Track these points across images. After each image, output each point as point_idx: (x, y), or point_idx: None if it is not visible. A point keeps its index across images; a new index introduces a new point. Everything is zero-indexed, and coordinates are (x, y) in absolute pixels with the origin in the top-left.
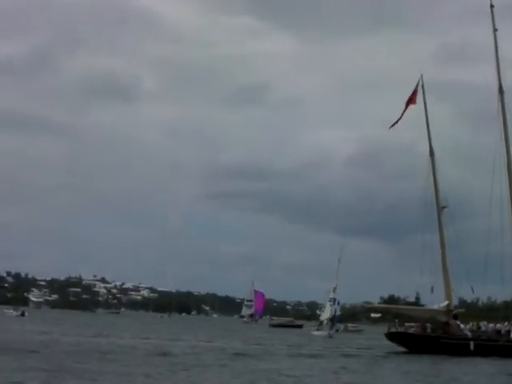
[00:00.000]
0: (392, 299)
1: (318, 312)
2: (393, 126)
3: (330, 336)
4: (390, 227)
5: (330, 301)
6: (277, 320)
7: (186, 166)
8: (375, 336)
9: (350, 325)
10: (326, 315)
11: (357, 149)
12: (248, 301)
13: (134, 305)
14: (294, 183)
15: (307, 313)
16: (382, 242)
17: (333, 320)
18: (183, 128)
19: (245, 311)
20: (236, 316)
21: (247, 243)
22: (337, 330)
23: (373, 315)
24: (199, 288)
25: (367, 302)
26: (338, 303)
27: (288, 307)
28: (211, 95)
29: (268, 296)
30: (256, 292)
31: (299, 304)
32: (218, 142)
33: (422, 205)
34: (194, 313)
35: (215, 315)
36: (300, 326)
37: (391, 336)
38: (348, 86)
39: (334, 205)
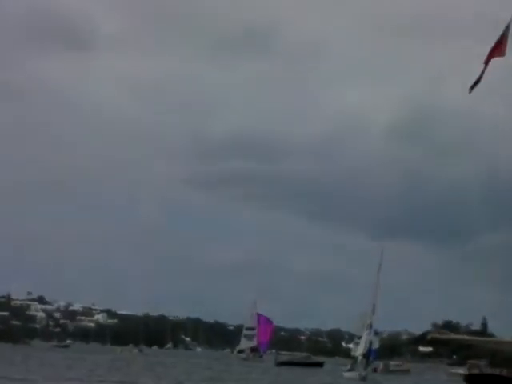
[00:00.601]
0: (449, 326)
1: (344, 344)
2: (473, 88)
3: (364, 378)
4: (444, 225)
5: (366, 329)
6: (287, 355)
7: (163, 141)
8: (428, 378)
9: (392, 363)
10: (361, 349)
11: (398, 115)
12: (248, 329)
13: (85, 334)
14: (311, 164)
15: (328, 345)
16: (432, 246)
17: (368, 356)
18: (158, 88)
19: (244, 343)
20: (227, 350)
21: (247, 247)
22: (374, 370)
23: (422, 349)
24: (177, 311)
25: (441, 331)
26: (377, 333)
27: (302, 337)
28: (197, 42)
29: (275, 322)
30: (260, 316)
31: (317, 333)
32: (207, 107)
33: (492, 193)
34: (168, 345)
35: (199, 349)
36: (319, 365)
37: (475, 380)
38: (385, 28)
39: (366, 194)
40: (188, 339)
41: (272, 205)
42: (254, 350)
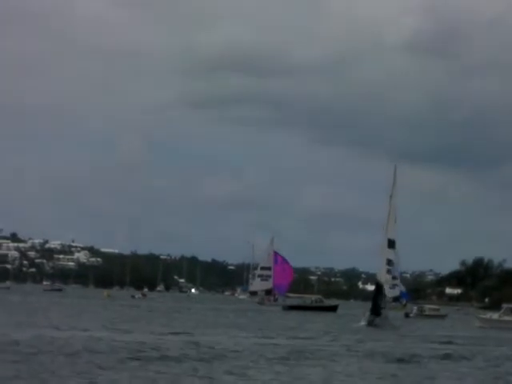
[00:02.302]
0: (480, 264)
1: (360, 285)
2: None
3: (372, 323)
4: (473, 150)
5: (389, 265)
6: (295, 299)
7: (149, 55)
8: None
9: (427, 306)
10: (389, 292)
11: (421, 23)
12: (264, 268)
13: (65, 275)
14: (323, 81)
15: (343, 286)
16: (459, 174)
17: (398, 298)
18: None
19: (257, 284)
20: (227, 293)
21: (249, 178)
22: (406, 315)
23: (449, 291)
24: (169, 249)
25: None
26: (401, 273)
27: (312, 278)
28: None
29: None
30: (276, 255)
31: (330, 273)
32: (198, 13)
33: None
34: (160, 288)
35: (194, 291)
36: (333, 309)
37: None
38: None
39: (386, 115)
40: (182, 281)
41: (274, 129)
42: (268, 292)
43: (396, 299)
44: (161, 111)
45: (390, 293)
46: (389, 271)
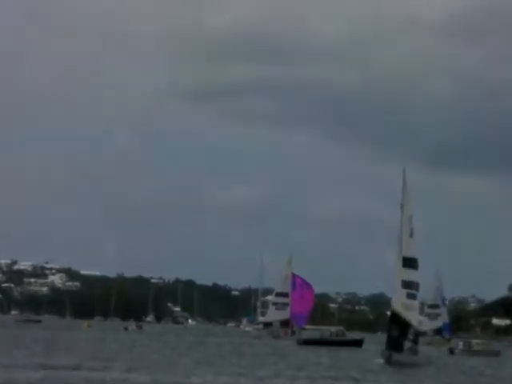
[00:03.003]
0: None
1: (388, 313)
2: None
3: (389, 359)
4: None
5: (409, 288)
6: (311, 331)
7: (144, 38)
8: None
9: (475, 341)
10: (427, 323)
11: (454, 7)
12: (279, 295)
13: (36, 302)
14: (343, 68)
15: (368, 316)
16: (502, 182)
17: (441, 331)
18: None
19: (271, 314)
20: (230, 325)
21: (255, 185)
22: (451, 351)
23: (496, 322)
24: (162, 271)
25: None
26: (445, 301)
27: (332, 305)
28: None
29: None
30: (295, 278)
31: (353, 299)
32: None
33: None
34: (149, 318)
35: (190, 321)
36: (357, 343)
37: None
38: None
39: (417, 110)
40: (177, 309)
41: (287, 125)
42: (285, 324)
43: (438, 332)
44: (152, 104)
45: (429, 324)
46: (411, 296)
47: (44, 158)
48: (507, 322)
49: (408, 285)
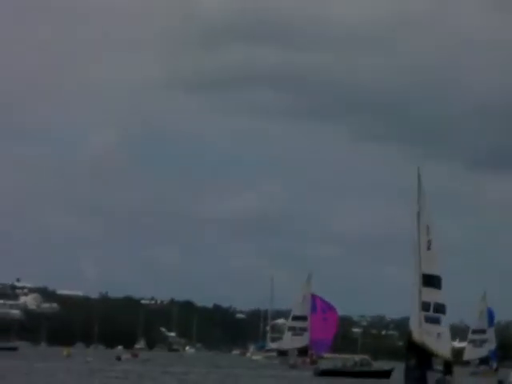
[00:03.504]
0: None
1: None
2: None
3: None
4: None
5: (434, 311)
6: (332, 360)
7: (133, 19)
8: None
9: None
10: (471, 351)
11: None
12: (296, 318)
13: (5, 327)
14: (366, 54)
15: (398, 342)
16: None
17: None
18: None
19: (287, 341)
20: (235, 352)
21: (265, 190)
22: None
23: None
24: (154, 291)
25: None
26: (492, 320)
27: (356, 330)
28: None
29: None
30: (315, 300)
31: (380, 323)
32: None
33: None
34: (140, 345)
35: (188, 348)
36: (386, 374)
37: None
38: None
39: (451, 105)
40: (172, 334)
41: (296, 120)
42: (303, 352)
43: (484, 361)
44: (141, 94)
45: (474, 353)
46: (433, 320)
47: (17, 159)
48: None
49: (429, 307)
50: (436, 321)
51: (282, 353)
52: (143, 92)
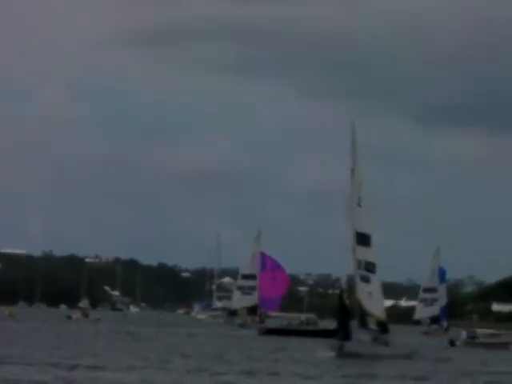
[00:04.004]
0: None
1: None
2: None
3: (341, 349)
4: None
5: (365, 269)
6: (277, 319)
7: None
8: None
9: (480, 331)
10: (422, 310)
11: None
12: (246, 277)
13: None
14: (329, 8)
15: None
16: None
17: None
18: None
19: (236, 300)
20: (180, 311)
21: (216, 145)
22: (452, 343)
23: (497, 307)
24: (98, 248)
25: None
26: (444, 277)
27: (301, 289)
28: None
29: None
30: (265, 258)
31: (326, 281)
32: None
33: None
34: (83, 304)
35: (132, 307)
36: (331, 333)
37: None
38: None
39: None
40: (116, 293)
41: (252, 75)
42: (252, 310)
43: (435, 321)
44: (92, 49)
45: (425, 312)
46: (365, 279)
47: None
48: (511, 307)
49: (361, 265)
50: (366, 279)
51: (232, 312)
52: (91, 46)
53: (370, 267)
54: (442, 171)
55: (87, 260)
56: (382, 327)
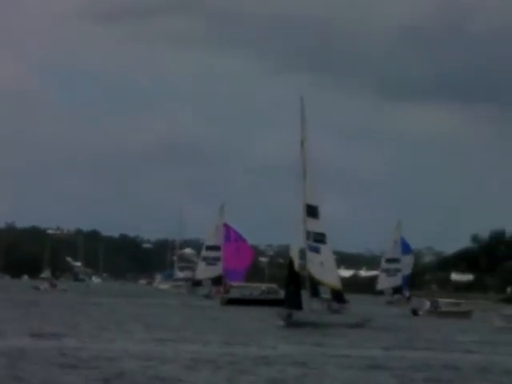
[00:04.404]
0: (499, 238)
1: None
2: None
3: (289, 319)
4: (494, 80)
5: (314, 240)
6: (239, 289)
7: None
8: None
9: (442, 300)
10: (385, 280)
11: None
12: (210, 248)
13: None
14: None
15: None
16: (471, 113)
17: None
18: None
19: (202, 271)
20: (142, 282)
21: (178, 118)
22: (414, 312)
23: (456, 277)
24: (60, 220)
25: None
26: (409, 248)
27: (262, 260)
28: None
29: None
30: (229, 230)
31: (286, 252)
32: None
33: None
34: (44, 274)
35: (94, 278)
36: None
37: None
38: None
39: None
40: (78, 264)
41: (217, 51)
42: (217, 281)
43: (397, 291)
44: (57, 24)
45: (387, 282)
46: (315, 249)
47: None
48: (469, 277)
49: (310, 236)
50: (316, 250)
51: (197, 283)
52: (54, 22)
53: (319, 238)
54: (402, 145)
55: (49, 231)
56: (338, 296)
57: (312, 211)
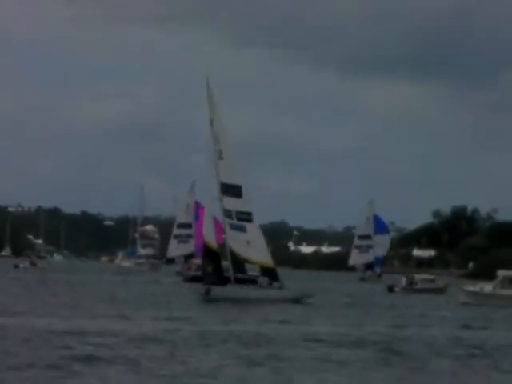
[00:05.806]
0: (460, 214)
1: (291, 246)
2: None
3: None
4: (457, 55)
5: (229, 217)
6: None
7: None
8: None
9: (418, 277)
10: (357, 256)
11: None
12: (181, 226)
13: None
14: None
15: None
16: (432, 88)
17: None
18: None
19: (174, 249)
20: (104, 259)
21: (140, 94)
22: (390, 289)
23: (417, 253)
24: (21, 197)
25: None
26: (386, 228)
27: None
28: None
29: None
30: (199, 208)
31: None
32: None
33: None
34: (5, 252)
35: (56, 255)
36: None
37: None
38: None
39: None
40: (39, 242)
41: (175, 26)
42: (189, 258)
43: (369, 267)
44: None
45: (359, 258)
46: (239, 228)
47: None
48: (431, 252)
49: (231, 214)
50: (241, 228)
51: (170, 260)
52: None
53: (243, 216)
54: (367, 121)
55: (10, 209)
56: (269, 274)
57: (233, 190)
